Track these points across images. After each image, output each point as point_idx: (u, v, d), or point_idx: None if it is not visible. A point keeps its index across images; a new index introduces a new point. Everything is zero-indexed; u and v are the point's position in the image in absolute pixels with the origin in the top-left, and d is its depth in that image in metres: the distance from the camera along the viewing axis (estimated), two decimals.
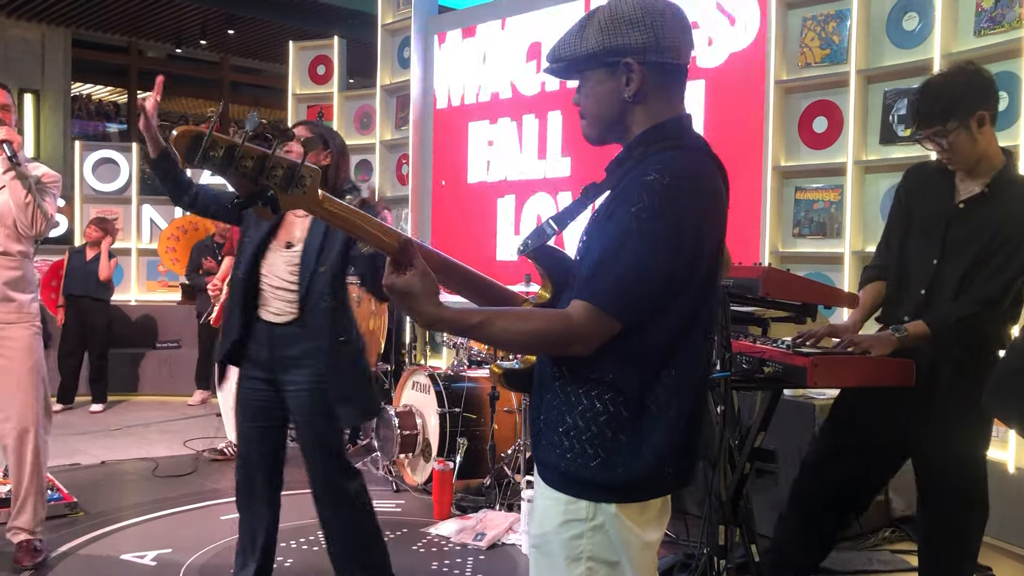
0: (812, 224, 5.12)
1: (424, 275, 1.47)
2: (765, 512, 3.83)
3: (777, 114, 5.17)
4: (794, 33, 5.14)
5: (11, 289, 3.52)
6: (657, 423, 1.50)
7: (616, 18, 1.53)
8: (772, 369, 2.60)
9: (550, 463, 1.55)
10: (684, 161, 1.50)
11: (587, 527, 1.52)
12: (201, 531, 4.11)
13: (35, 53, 12.29)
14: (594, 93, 1.58)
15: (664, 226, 1.44)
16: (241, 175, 1.39)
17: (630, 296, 1.45)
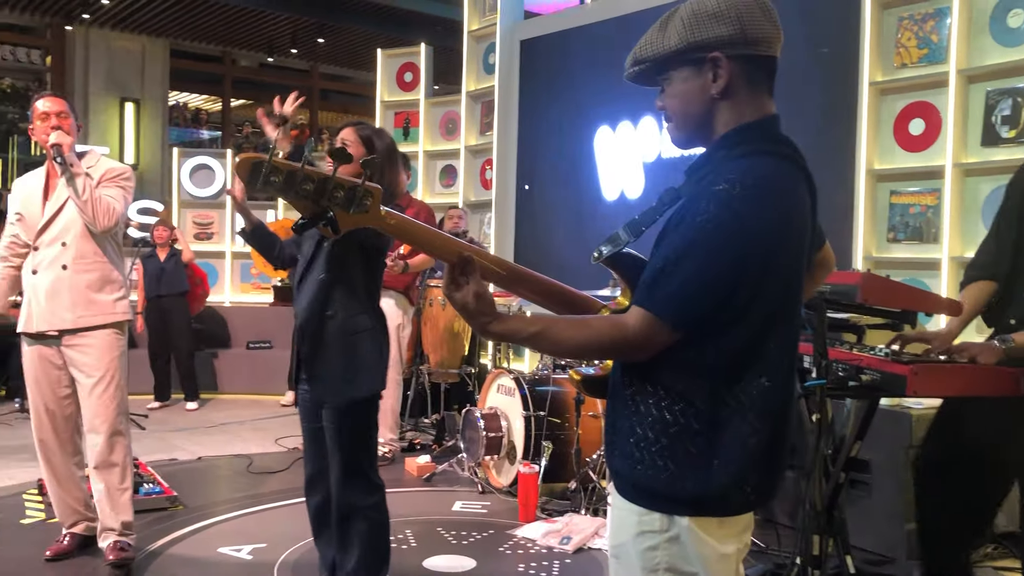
0: (908, 229, 4.97)
1: (478, 294, 1.48)
2: (859, 523, 3.75)
3: (871, 115, 5.05)
4: (889, 32, 5.01)
5: (90, 290, 3.53)
6: (730, 437, 1.45)
7: (699, 12, 1.49)
8: (869, 377, 2.54)
9: (622, 473, 1.54)
10: (759, 169, 1.46)
11: (662, 539, 1.50)
12: (294, 527, 4.22)
13: (136, 64, 12.82)
14: (680, 92, 1.54)
15: (728, 237, 1.40)
16: (303, 198, 1.43)
17: (688, 306, 1.42)
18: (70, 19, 12.14)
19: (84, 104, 12.37)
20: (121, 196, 3.59)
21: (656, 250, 1.50)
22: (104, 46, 12.50)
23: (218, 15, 11.86)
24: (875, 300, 2.51)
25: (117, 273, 3.64)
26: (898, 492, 3.81)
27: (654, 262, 1.47)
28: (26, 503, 4.50)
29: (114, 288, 3.60)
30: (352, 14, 11.94)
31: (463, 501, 4.70)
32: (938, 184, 4.79)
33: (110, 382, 3.56)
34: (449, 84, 10.46)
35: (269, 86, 15.71)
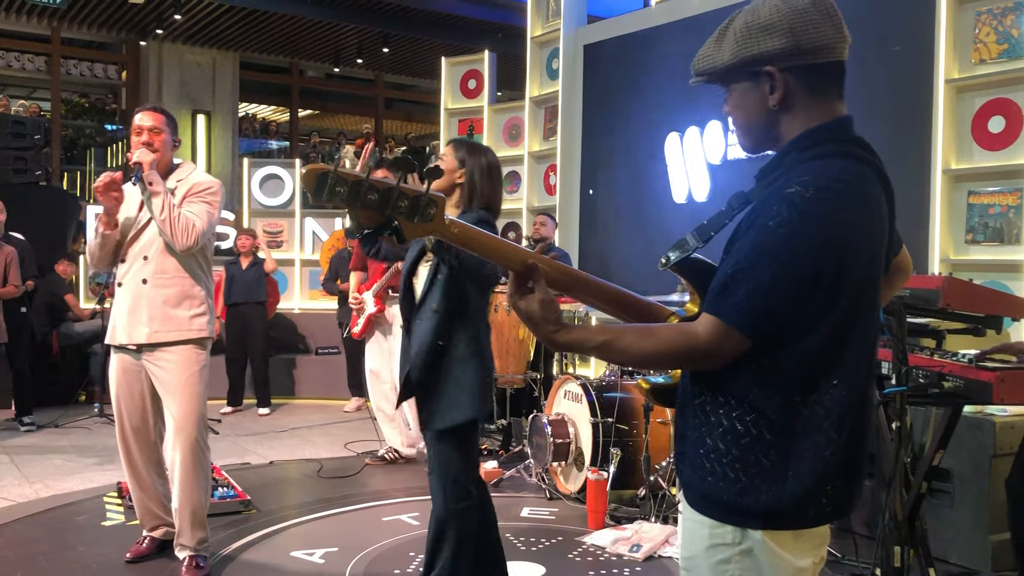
0: (987, 230, 4.82)
1: (544, 302, 1.47)
2: (940, 534, 3.64)
3: (947, 114, 4.91)
4: (966, 28, 4.87)
5: (167, 305, 3.53)
6: (805, 447, 1.41)
7: (752, 25, 1.47)
8: (952, 384, 2.47)
9: (693, 485, 1.51)
10: (832, 171, 1.41)
11: (734, 552, 1.46)
12: (365, 531, 4.27)
13: (207, 77, 13.15)
14: (740, 104, 1.53)
15: (802, 241, 1.36)
16: (367, 207, 1.44)
17: (760, 313, 1.38)
18: (144, 35, 12.51)
19: None
20: (205, 212, 3.54)
21: (726, 255, 1.47)
22: (176, 60, 12.86)
23: (286, 27, 12.10)
24: (957, 305, 2.44)
25: (199, 289, 3.60)
26: (982, 502, 3.69)
27: (724, 268, 1.43)
28: (107, 505, 4.63)
29: (193, 304, 3.58)
30: (416, 23, 12.07)
31: (531, 507, 4.70)
32: (1019, 183, 4.63)
33: (187, 397, 3.55)
34: (512, 90, 10.49)
35: (335, 96, 16.01)
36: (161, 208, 3.45)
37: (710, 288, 1.44)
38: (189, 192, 3.59)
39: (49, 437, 6.48)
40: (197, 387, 3.58)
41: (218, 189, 3.66)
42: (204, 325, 3.60)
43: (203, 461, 3.63)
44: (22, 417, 6.70)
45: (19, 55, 12.74)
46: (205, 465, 3.66)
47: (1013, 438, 3.50)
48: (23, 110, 11.73)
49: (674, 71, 6.54)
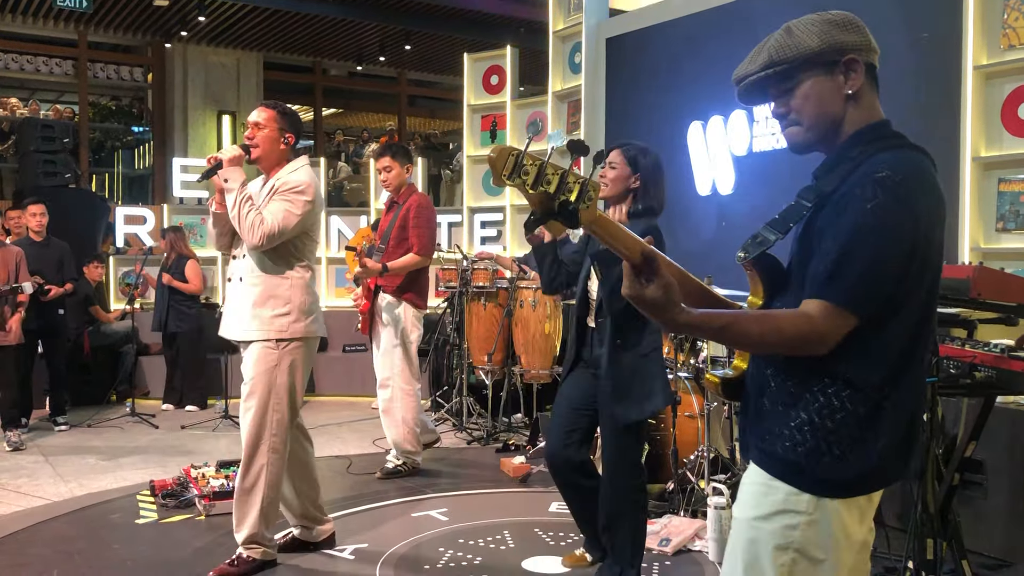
0: (1018, 218, 4.75)
1: (668, 286, 1.50)
2: (973, 526, 3.60)
3: (976, 101, 4.84)
4: (995, 13, 4.80)
5: (253, 304, 3.54)
6: (890, 421, 1.53)
7: (828, 21, 1.60)
8: (984, 374, 2.44)
9: (776, 454, 1.58)
10: (911, 160, 1.54)
11: (804, 519, 1.55)
12: (395, 527, 4.30)
13: (231, 77, 13.25)
14: (813, 94, 1.61)
15: (901, 221, 1.47)
16: (544, 191, 1.45)
17: (870, 292, 1.48)
18: (169, 37, 12.63)
19: (184, 118, 12.85)
20: (282, 211, 3.47)
21: (806, 244, 1.57)
22: (201, 62, 12.96)
23: (308, 26, 12.16)
24: (989, 294, 2.41)
25: (285, 289, 3.55)
26: (1016, 493, 3.64)
27: (827, 252, 1.50)
28: (140, 504, 4.69)
29: (278, 304, 3.53)
30: (437, 20, 12.08)
31: (559, 502, 4.69)
32: None
33: (257, 398, 3.54)
34: (535, 85, 10.48)
35: (359, 94, 16.07)
36: (232, 205, 3.48)
37: (813, 275, 1.51)
38: (274, 190, 3.56)
39: (82, 437, 6.58)
40: (268, 389, 3.52)
41: (303, 188, 3.53)
42: (284, 325, 3.54)
43: (262, 465, 3.53)
44: (56, 417, 6.80)
45: (47, 59, 12.90)
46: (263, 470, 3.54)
47: None
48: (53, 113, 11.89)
49: (697, 61, 6.50)
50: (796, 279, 1.59)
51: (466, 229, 8.74)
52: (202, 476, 4.70)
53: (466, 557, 3.85)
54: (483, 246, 8.60)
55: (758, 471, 1.62)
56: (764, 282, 1.67)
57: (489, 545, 4.02)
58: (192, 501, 4.55)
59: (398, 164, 5.23)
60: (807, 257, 1.56)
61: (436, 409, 6.99)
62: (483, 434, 6.24)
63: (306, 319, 3.60)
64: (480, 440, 6.18)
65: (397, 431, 5.18)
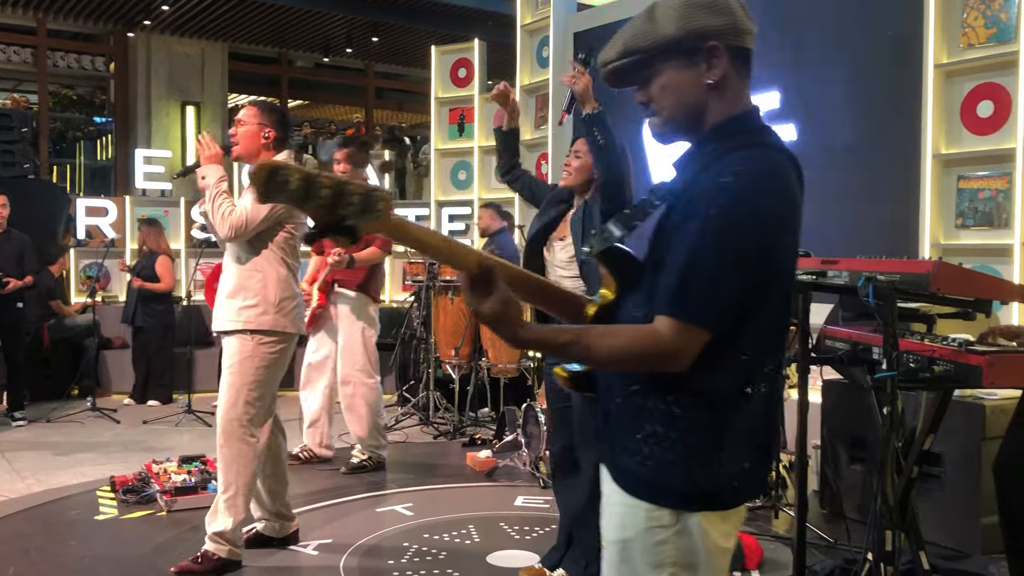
0: (977, 214, 4.83)
1: (506, 300, 1.45)
2: (931, 517, 3.66)
3: (937, 99, 4.91)
4: (955, 13, 4.87)
5: (227, 296, 3.56)
6: (739, 430, 1.47)
7: (690, 4, 1.48)
8: (942, 368, 2.48)
9: (629, 470, 1.51)
10: (760, 160, 1.45)
11: (671, 532, 1.49)
12: (359, 522, 4.28)
13: (195, 67, 13.08)
14: (673, 82, 1.51)
15: (745, 229, 1.39)
16: (319, 206, 1.35)
17: (717, 306, 1.40)
18: (132, 26, 12.44)
19: (147, 108, 12.67)
20: (250, 202, 3.46)
21: (658, 245, 1.49)
22: (165, 51, 12.78)
23: (274, 17, 12.04)
24: (948, 289, 2.43)
25: (257, 282, 3.54)
26: (972, 485, 3.71)
27: (672, 264, 1.43)
28: (99, 500, 4.62)
29: (248, 295, 3.53)
30: (405, 12, 12.02)
31: (525, 496, 4.71)
32: (1009, 168, 4.65)
33: (230, 388, 3.52)
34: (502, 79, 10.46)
35: (325, 86, 15.95)
36: (207, 198, 3.51)
37: (661, 288, 1.44)
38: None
39: (41, 432, 6.47)
40: (239, 380, 3.51)
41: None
42: (251, 316, 3.52)
43: (236, 452, 3.51)
44: (13, 412, 6.68)
45: (4, 47, 12.66)
46: (235, 463, 3.51)
47: (1003, 421, 3.52)
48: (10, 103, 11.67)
49: None
50: (650, 276, 1.50)
51: (433, 222, 8.71)
52: (164, 471, 4.64)
53: (431, 552, 3.84)
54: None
55: (616, 490, 1.54)
56: (616, 276, 1.59)
57: (454, 539, 4.02)
58: (153, 497, 4.50)
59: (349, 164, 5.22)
60: (660, 258, 1.48)
61: (403, 404, 6.96)
62: (450, 428, 6.23)
63: (275, 312, 3.55)
64: (447, 435, 6.17)
65: (361, 425, 5.16)
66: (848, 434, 4.27)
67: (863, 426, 4.05)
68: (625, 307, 1.55)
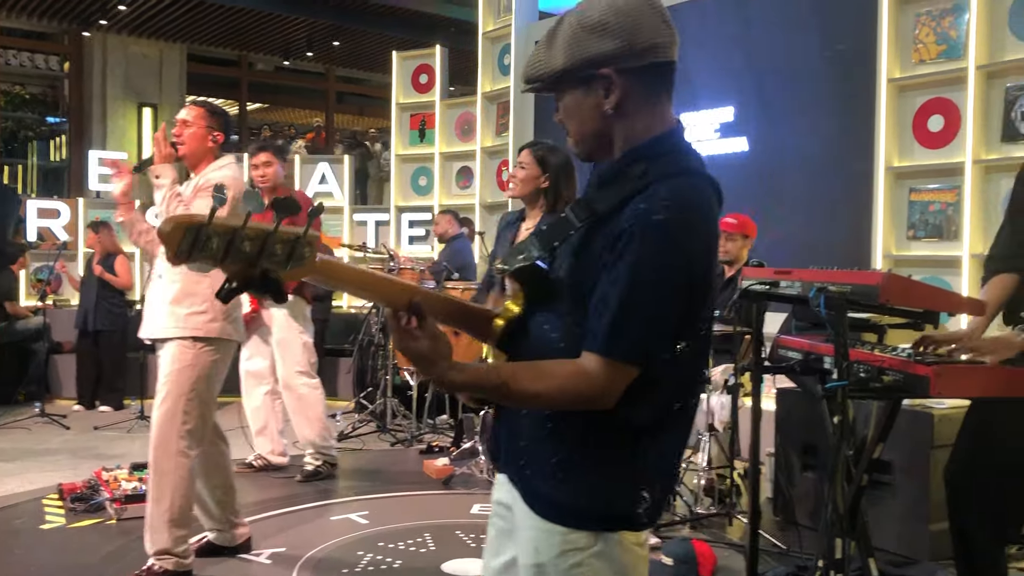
0: (928, 226, 4.93)
1: (436, 337, 1.40)
2: (881, 524, 3.71)
3: (890, 112, 5.01)
4: (907, 29, 4.97)
5: (170, 302, 3.45)
6: (653, 455, 1.48)
7: (584, 25, 1.41)
8: (891, 378, 2.51)
9: (544, 494, 1.49)
10: (689, 194, 1.42)
11: (587, 555, 1.47)
12: (313, 530, 4.23)
13: (153, 68, 12.91)
14: (573, 110, 1.48)
15: (680, 267, 1.39)
16: (239, 261, 1.24)
17: (649, 344, 1.40)
18: (87, 25, 12.23)
19: (102, 109, 12.47)
20: (206, 208, 3.44)
21: (580, 270, 1.46)
22: (121, 52, 12.59)
23: (234, 19, 11.92)
24: (896, 300, 2.47)
25: (205, 287, 3.42)
26: (921, 493, 3.77)
27: (605, 304, 1.40)
28: (46, 508, 4.52)
29: (195, 301, 3.43)
30: (367, 16, 11.98)
31: (481, 504, 4.69)
32: (958, 181, 4.75)
33: (167, 397, 3.41)
34: (464, 86, 10.46)
35: (286, 89, 15.82)
36: (160, 200, 3.42)
37: (592, 327, 1.41)
38: (198, 188, 3.48)
39: None
40: (181, 388, 3.41)
41: (229, 184, 3.44)
42: (200, 323, 3.43)
43: (172, 464, 3.40)
44: None
45: None
46: (174, 474, 3.40)
47: (951, 430, 3.58)
48: None
49: None
50: (568, 298, 1.47)
51: (393, 228, 8.67)
52: (114, 479, 4.55)
53: (385, 560, 3.81)
54: (411, 246, 8.56)
55: (529, 514, 1.51)
56: (527, 293, 1.54)
57: (409, 548, 3.99)
58: (102, 505, 4.41)
59: (278, 161, 5.19)
60: (580, 283, 1.45)
61: (360, 411, 6.91)
62: (407, 436, 6.19)
63: (223, 319, 3.49)
64: (404, 442, 6.14)
65: (311, 428, 5.14)
66: (801, 442, 4.32)
67: (816, 434, 4.10)
68: (536, 323, 1.51)
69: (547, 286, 1.51)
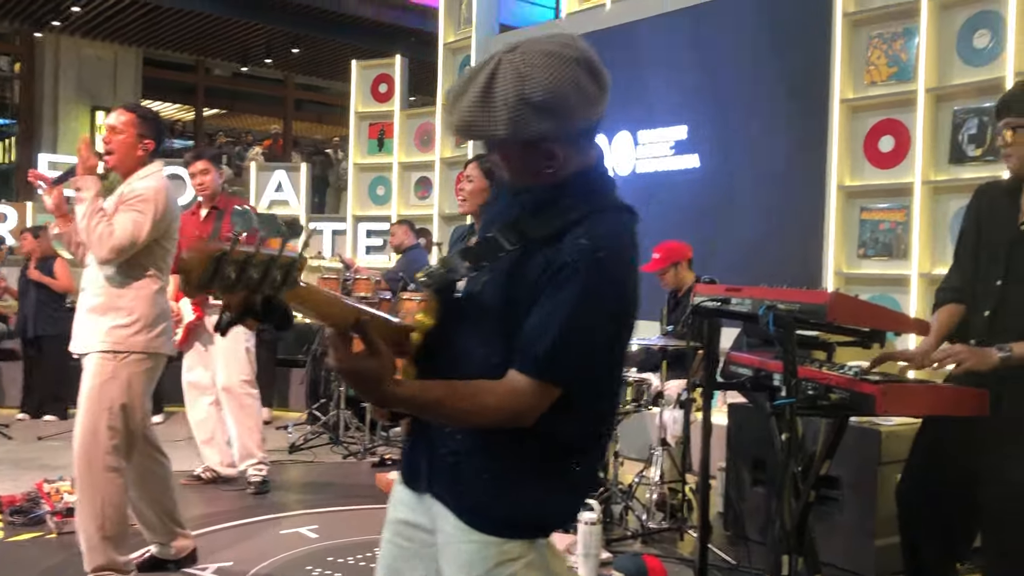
0: (878, 245, 5.01)
1: (383, 355, 1.41)
2: (828, 539, 3.75)
3: (842, 133, 5.09)
4: (860, 50, 5.06)
5: (94, 314, 3.34)
6: (583, 465, 1.60)
7: (526, 103, 1.42)
8: (839, 396, 2.54)
9: (479, 507, 1.54)
10: (622, 231, 1.53)
11: (520, 565, 1.54)
12: (261, 544, 4.16)
13: (108, 72, 12.71)
14: (514, 163, 1.54)
15: (615, 298, 1.50)
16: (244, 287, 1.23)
17: (585, 369, 1.50)
18: (39, 26, 12.01)
19: (53, 111, 12.24)
20: (130, 222, 3.25)
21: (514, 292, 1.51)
22: (75, 53, 12.38)
23: (191, 23, 11.79)
24: (843, 319, 2.51)
25: (128, 300, 3.32)
26: (867, 509, 3.82)
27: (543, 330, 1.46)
28: None
29: (119, 315, 3.30)
30: (327, 25, 11.92)
31: None
32: (907, 201, 4.84)
33: (87, 413, 3.30)
34: (425, 96, 10.45)
35: (243, 95, 15.67)
36: (82, 216, 3.25)
37: (527, 351, 1.47)
38: (121, 199, 3.33)
39: None
40: (99, 402, 3.29)
41: (151, 196, 3.31)
42: (123, 338, 3.30)
43: (101, 480, 3.29)
44: None
45: None
46: (99, 492, 3.29)
47: (898, 446, 3.64)
48: None
49: None
50: (498, 315, 1.53)
51: (350, 238, 8.61)
52: (55, 491, 4.43)
53: (334, 575, 3.76)
54: (368, 255, 8.50)
55: (461, 527, 1.56)
56: (441, 308, 1.59)
57: (359, 563, 3.94)
58: (43, 518, 4.29)
59: (215, 168, 5.14)
60: (515, 302, 1.50)
61: (312, 422, 6.83)
62: (360, 448, 6.13)
63: (148, 332, 3.35)
64: (356, 455, 6.07)
65: (251, 438, 5.07)
66: (752, 457, 4.36)
67: (766, 449, 4.13)
68: (459, 339, 1.56)
69: (455, 302, 1.59)
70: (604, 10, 6.54)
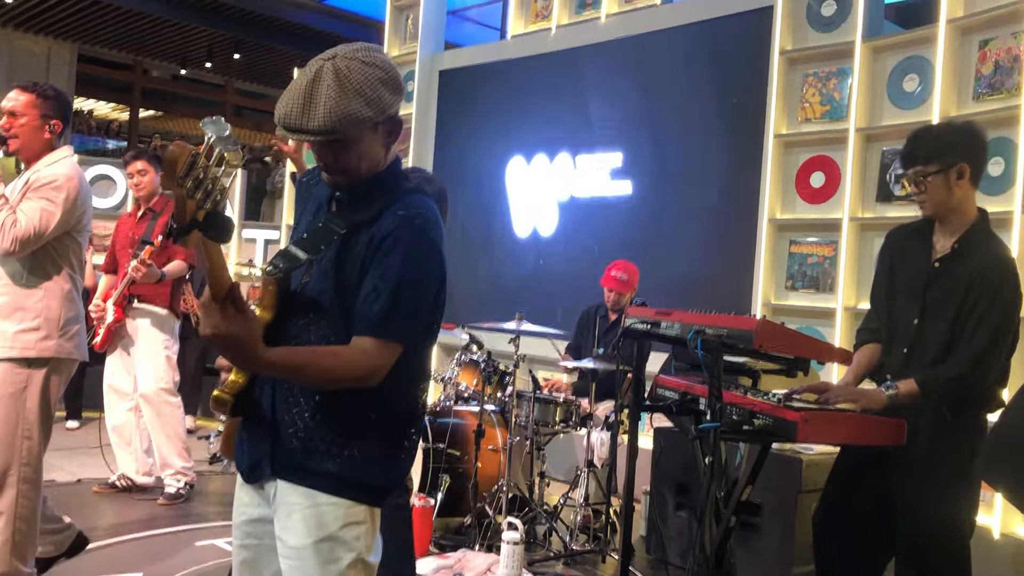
0: (805, 278, 5.13)
1: (253, 320, 1.54)
2: (748, 565, 3.79)
3: (775, 167, 5.21)
4: (795, 88, 5.19)
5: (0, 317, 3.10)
6: (416, 430, 1.80)
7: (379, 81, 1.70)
8: (762, 422, 2.58)
9: (329, 472, 1.69)
10: (430, 207, 1.76)
11: (364, 528, 1.71)
12: (176, 556, 4.04)
13: (40, 66, 12.33)
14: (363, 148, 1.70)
15: (435, 262, 1.72)
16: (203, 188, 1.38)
17: (416, 326, 1.70)
18: None
19: None
20: (37, 211, 3.02)
21: (346, 271, 1.68)
22: (5, 45, 12.00)
23: (129, 22, 11.53)
24: (769, 346, 2.55)
25: (37, 301, 3.10)
26: (787, 535, 3.88)
27: (377, 293, 1.64)
28: None
29: (26, 317, 3.08)
30: (269, 31, 11.77)
31: None
32: (835, 236, 4.96)
33: (2, 425, 3.07)
34: None
35: (182, 98, 15.38)
36: None
37: (365, 313, 1.65)
38: (28, 187, 3.10)
39: None
40: (13, 412, 3.07)
41: (62, 183, 3.09)
42: (32, 343, 3.09)
43: (14, 492, 3.09)
44: None
45: None
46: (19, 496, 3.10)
47: (818, 475, 3.71)
48: None
49: (526, 104, 6.64)
50: (326, 298, 1.69)
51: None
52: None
53: None
54: None
55: (310, 493, 1.69)
56: (281, 300, 1.74)
57: None
58: None
59: (153, 170, 5.03)
60: (346, 281, 1.68)
61: None
62: None
63: (59, 336, 3.14)
64: None
65: (171, 446, 4.92)
66: (675, 481, 4.39)
67: (690, 474, 4.18)
68: (297, 330, 1.70)
69: (292, 293, 1.74)
70: (549, 35, 6.61)
